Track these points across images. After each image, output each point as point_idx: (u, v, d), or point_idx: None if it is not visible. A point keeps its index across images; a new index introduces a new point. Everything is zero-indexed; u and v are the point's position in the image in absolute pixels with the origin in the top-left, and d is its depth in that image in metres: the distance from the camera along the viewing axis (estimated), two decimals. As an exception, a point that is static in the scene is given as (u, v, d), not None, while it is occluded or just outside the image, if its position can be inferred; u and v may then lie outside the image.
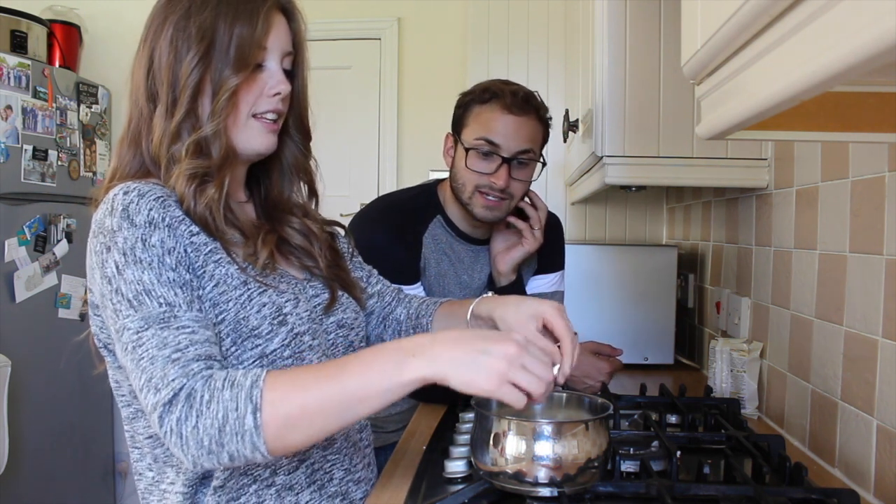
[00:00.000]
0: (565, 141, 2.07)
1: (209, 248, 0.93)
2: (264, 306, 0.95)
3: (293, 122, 1.09)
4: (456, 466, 1.06)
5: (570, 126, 1.89)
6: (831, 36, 0.41)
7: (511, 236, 1.58)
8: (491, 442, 0.94)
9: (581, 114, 1.86)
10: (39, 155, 2.79)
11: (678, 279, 2.06)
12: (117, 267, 0.88)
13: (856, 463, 1.11)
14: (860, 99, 0.69)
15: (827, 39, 0.42)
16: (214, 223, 0.95)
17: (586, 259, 2.05)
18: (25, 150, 2.71)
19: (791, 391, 1.37)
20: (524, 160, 1.49)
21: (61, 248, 2.91)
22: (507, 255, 1.56)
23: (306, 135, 1.12)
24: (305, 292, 1.04)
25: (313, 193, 1.16)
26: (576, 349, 0.96)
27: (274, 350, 0.95)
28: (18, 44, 2.83)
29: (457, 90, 1.59)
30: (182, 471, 0.95)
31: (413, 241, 1.55)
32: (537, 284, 1.68)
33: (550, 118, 1.56)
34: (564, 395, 1.10)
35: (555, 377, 0.86)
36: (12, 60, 2.68)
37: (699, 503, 0.97)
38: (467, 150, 1.49)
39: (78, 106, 3.04)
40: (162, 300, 0.87)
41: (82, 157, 3.07)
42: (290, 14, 1.03)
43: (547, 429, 0.92)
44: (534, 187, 1.60)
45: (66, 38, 3.11)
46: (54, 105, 2.87)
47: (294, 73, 1.05)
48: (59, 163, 2.90)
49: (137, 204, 0.90)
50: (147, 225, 0.89)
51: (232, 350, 0.93)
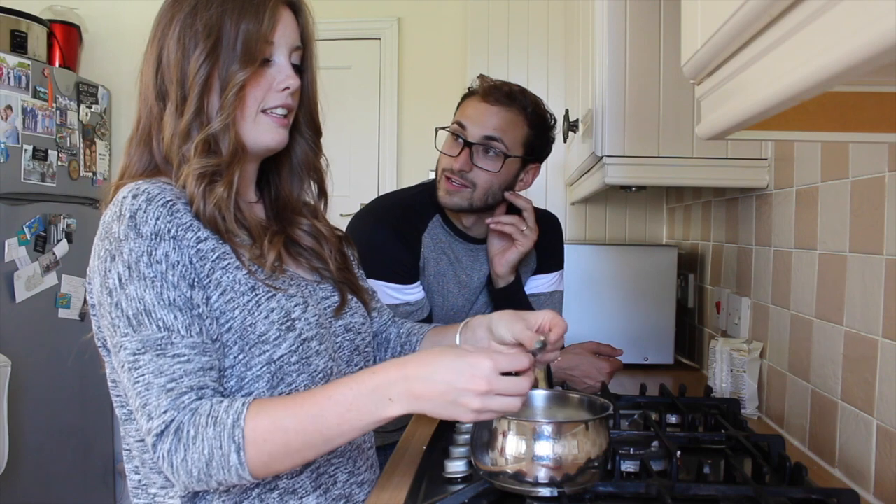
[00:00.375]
0: (565, 141, 2.07)
1: (217, 255, 0.93)
2: (273, 311, 0.94)
3: (304, 118, 1.08)
4: (456, 466, 1.06)
5: (570, 126, 1.89)
6: (831, 36, 0.41)
7: (505, 239, 1.58)
8: (491, 442, 0.94)
9: (581, 114, 1.86)
10: (39, 155, 2.79)
11: (678, 279, 2.06)
12: (120, 280, 0.88)
13: (856, 463, 1.11)
14: (860, 99, 0.69)
15: (827, 39, 0.42)
16: (224, 223, 0.94)
17: (586, 259, 2.05)
18: (25, 150, 2.71)
19: (791, 391, 1.37)
20: (490, 147, 1.49)
21: (61, 248, 2.91)
22: (503, 258, 1.56)
23: (317, 131, 1.11)
24: (315, 294, 1.04)
25: (323, 193, 1.15)
26: (557, 323, 1.02)
27: (282, 356, 0.94)
28: (18, 44, 2.83)
29: (457, 90, 1.60)
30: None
31: (412, 241, 1.55)
32: (536, 284, 1.68)
33: (551, 125, 1.56)
34: (564, 395, 1.10)
35: (534, 365, 0.90)
36: (12, 60, 2.68)
37: (699, 503, 0.97)
38: (440, 130, 1.56)
39: (78, 106, 3.04)
40: (161, 324, 0.87)
41: (82, 157, 3.07)
42: (298, 9, 1.03)
43: (547, 429, 0.92)
44: (534, 187, 1.59)
45: (66, 38, 3.11)
46: (54, 105, 2.87)
47: (303, 69, 1.05)
48: (59, 163, 2.90)
49: (145, 211, 0.89)
50: (153, 237, 0.88)
51: (240, 357, 0.93)
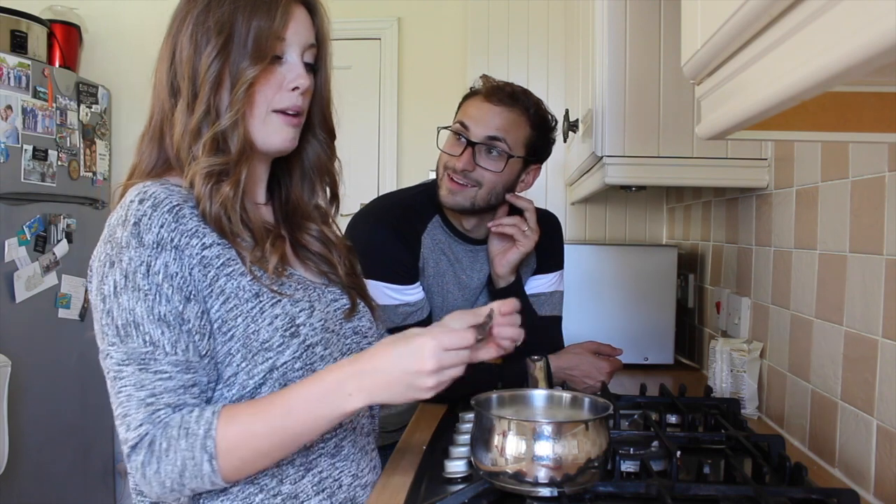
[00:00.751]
0: (565, 141, 2.06)
1: (221, 261, 0.92)
2: (276, 318, 0.94)
3: (317, 119, 1.07)
4: (456, 466, 1.06)
5: (570, 126, 1.89)
6: (831, 36, 0.41)
7: (506, 239, 1.58)
8: (491, 442, 0.94)
9: (581, 114, 1.86)
10: (39, 155, 2.79)
11: (678, 279, 2.06)
12: (115, 288, 0.88)
13: (856, 463, 1.11)
14: (860, 99, 0.69)
15: (827, 39, 0.42)
16: (229, 223, 0.94)
17: (586, 259, 2.05)
18: (25, 150, 2.71)
19: (791, 391, 1.37)
20: (493, 147, 1.49)
21: (61, 248, 2.91)
22: (504, 258, 1.56)
23: (330, 133, 1.10)
24: (323, 297, 1.03)
25: (335, 198, 1.13)
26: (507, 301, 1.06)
27: (285, 363, 0.94)
28: (18, 44, 2.83)
29: (457, 90, 1.60)
30: None
31: (412, 241, 1.55)
32: (536, 284, 1.68)
33: (552, 125, 1.56)
34: (565, 395, 1.10)
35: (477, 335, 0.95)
36: (12, 60, 2.68)
37: (699, 503, 0.97)
38: (442, 130, 1.55)
39: (78, 106, 3.04)
40: (147, 338, 0.88)
41: (82, 157, 3.07)
42: (313, 8, 1.02)
43: (547, 429, 0.92)
44: (534, 187, 1.59)
45: (66, 38, 3.11)
46: (54, 105, 2.87)
47: (317, 68, 1.03)
48: (59, 163, 2.90)
49: (150, 218, 0.89)
50: (154, 246, 0.88)
51: (243, 366, 0.93)
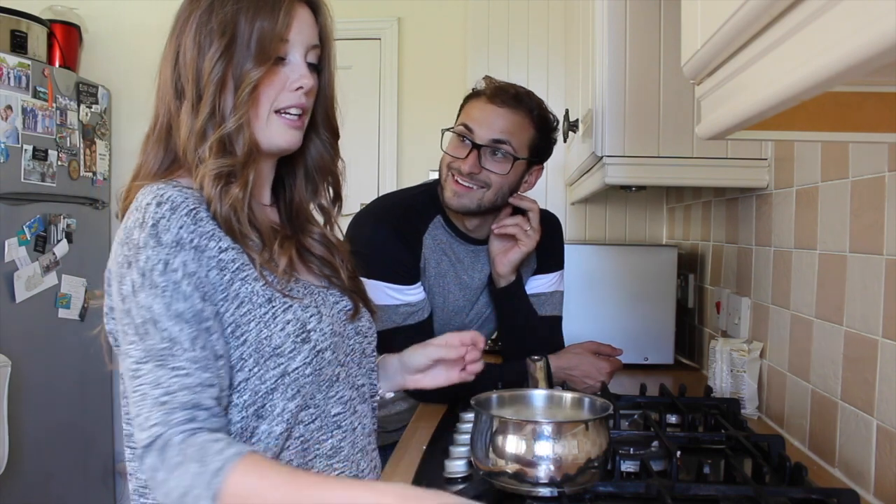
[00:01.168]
0: (565, 141, 2.06)
1: (237, 265, 0.92)
2: (288, 323, 0.94)
3: (320, 119, 1.07)
4: (456, 466, 1.06)
5: (570, 126, 1.89)
6: (831, 36, 0.41)
7: (508, 237, 1.58)
8: (491, 442, 0.94)
9: (581, 114, 1.86)
10: (39, 155, 2.79)
11: (678, 279, 2.06)
12: (133, 287, 0.88)
13: (856, 463, 1.11)
14: (860, 99, 0.69)
15: (827, 39, 0.42)
16: (238, 225, 0.93)
17: (586, 259, 2.05)
18: (25, 150, 2.71)
19: (791, 391, 1.37)
20: (498, 150, 1.49)
21: (61, 248, 2.91)
22: (506, 257, 1.56)
23: (334, 133, 1.10)
24: (327, 301, 1.03)
25: (338, 198, 1.13)
26: (478, 339, 1.15)
27: (296, 368, 0.94)
28: (18, 44, 2.83)
29: (457, 90, 1.60)
30: None
31: (413, 241, 1.55)
32: (536, 284, 1.68)
33: (554, 126, 1.55)
34: (565, 395, 1.10)
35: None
36: (12, 60, 2.68)
37: (699, 503, 0.97)
38: (446, 132, 1.54)
39: (78, 106, 3.04)
40: (166, 334, 0.87)
41: (82, 157, 3.07)
42: (316, 7, 1.02)
43: (547, 429, 0.92)
44: (534, 187, 1.59)
45: (66, 38, 3.11)
46: (54, 105, 2.87)
47: (320, 68, 1.03)
48: (59, 163, 2.90)
49: (168, 220, 0.88)
50: (173, 245, 0.88)
51: (255, 371, 0.92)
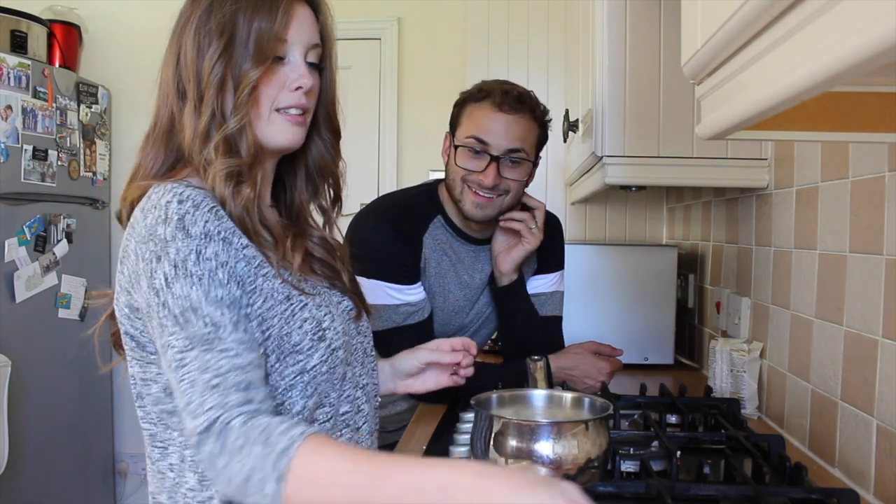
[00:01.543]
0: (565, 141, 2.07)
1: (258, 262, 0.92)
2: (306, 321, 0.94)
3: (322, 119, 1.06)
4: (456, 466, 1.06)
5: (570, 126, 1.89)
6: (831, 36, 0.41)
7: (512, 236, 1.58)
8: (491, 442, 0.94)
9: (581, 114, 1.86)
10: (39, 155, 2.79)
11: (678, 279, 2.06)
12: (166, 279, 0.86)
13: (856, 463, 1.11)
14: (860, 99, 0.69)
15: (827, 39, 0.42)
16: (252, 224, 0.93)
17: (586, 259, 2.05)
18: (25, 150, 2.71)
19: (791, 391, 1.37)
20: (515, 159, 1.48)
21: (61, 248, 2.91)
22: (509, 255, 1.56)
23: (336, 133, 1.09)
24: (333, 299, 1.04)
25: (338, 199, 1.12)
26: (470, 345, 1.16)
27: (314, 366, 0.94)
28: (18, 44, 2.83)
29: (457, 90, 1.59)
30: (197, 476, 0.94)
31: (414, 241, 1.55)
32: (537, 284, 1.68)
33: (549, 119, 1.56)
34: (565, 395, 1.10)
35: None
36: (12, 60, 2.68)
37: (699, 503, 0.97)
38: (458, 148, 1.49)
39: (78, 106, 3.04)
40: (208, 319, 0.85)
41: (82, 157, 3.07)
42: (317, 6, 1.01)
43: (547, 429, 0.92)
44: (534, 187, 1.59)
45: (66, 38, 3.11)
46: (54, 105, 2.87)
47: (322, 67, 1.03)
48: (59, 163, 2.90)
49: (193, 215, 0.88)
50: (203, 237, 0.87)
51: (276, 366, 0.92)
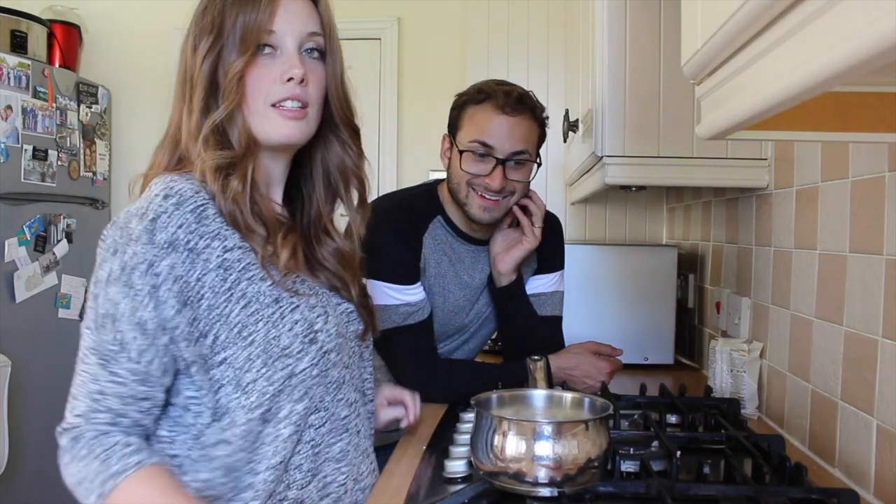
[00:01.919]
0: (565, 141, 2.06)
1: (243, 265, 0.91)
2: (296, 323, 0.94)
3: (335, 114, 1.03)
4: (456, 466, 1.06)
5: (570, 126, 1.89)
6: (831, 36, 0.41)
7: (511, 236, 1.58)
8: (491, 442, 0.94)
9: (581, 114, 1.86)
10: (39, 155, 2.79)
11: (678, 279, 2.06)
12: (109, 276, 0.89)
13: (856, 463, 1.11)
14: (860, 99, 0.69)
15: (827, 39, 0.42)
16: (243, 217, 0.93)
17: (586, 259, 2.05)
18: (25, 150, 2.71)
19: (791, 391, 1.37)
20: (520, 160, 1.48)
21: (61, 248, 2.91)
22: (508, 255, 1.56)
23: (353, 130, 1.05)
24: (331, 301, 1.03)
25: (363, 202, 1.08)
26: (416, 399, 1.24)
27: (303, 370, 0.94)
28: (18, 44, 2.83)
29: (457, 90, 1.59)
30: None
31: (413, 242, 1.55)
32: (537, 284, 1.68)
33: (547, 118, 1.56)
34: (565, 395, 1.10)
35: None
36: (12, 60, 2.68)
37: (699, 503, 0.97)
38: (462, 152, 1.48)
39: (78, 106, 3.04)
40: (119, 336, 0.89)
41: (82, 157, 3.07)
42: None
43: (547, 429, 0.92)
44: (534, 187, 1.59)
45: (66, 38, 3.11)
46: (54, 105, 2.87)
47: (324, 55, 1.01)
48: (59, 163, 2.90)
49: (170, 216, 0.87)
50: (165, 246, 0.87)
51: (263, 371, 0.92)
